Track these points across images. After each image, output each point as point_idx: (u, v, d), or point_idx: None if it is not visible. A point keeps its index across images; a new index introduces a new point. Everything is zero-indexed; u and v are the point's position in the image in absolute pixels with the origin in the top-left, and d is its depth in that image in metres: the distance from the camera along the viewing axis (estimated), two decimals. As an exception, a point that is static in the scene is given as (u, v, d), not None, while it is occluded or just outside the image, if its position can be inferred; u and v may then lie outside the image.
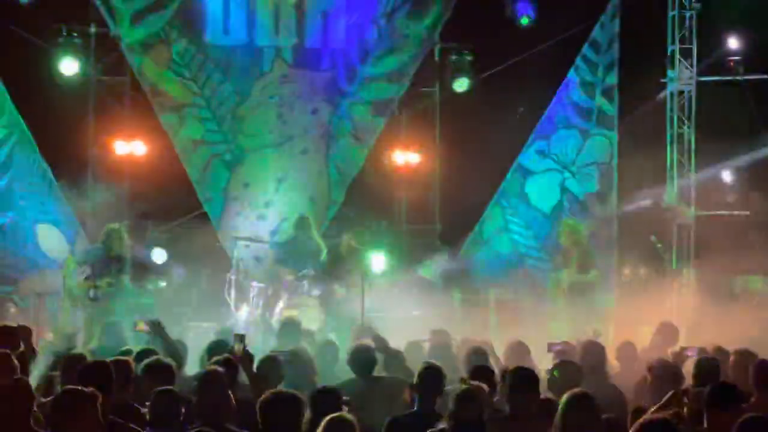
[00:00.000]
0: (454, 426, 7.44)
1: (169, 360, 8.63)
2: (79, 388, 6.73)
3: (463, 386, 7.67)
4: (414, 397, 8.06)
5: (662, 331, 11.61)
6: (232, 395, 7.64)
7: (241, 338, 8.73)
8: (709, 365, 9.00)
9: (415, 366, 8.56)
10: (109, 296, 14.53)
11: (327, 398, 7.44)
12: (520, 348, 10.54)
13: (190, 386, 8.61)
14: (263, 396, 7.00)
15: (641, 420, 6.63)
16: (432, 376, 8.09)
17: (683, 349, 10.04)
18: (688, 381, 8.76)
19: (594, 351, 9.75)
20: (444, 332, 11.68)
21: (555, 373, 8.76)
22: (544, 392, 8.12)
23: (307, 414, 7.17)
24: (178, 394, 7.53)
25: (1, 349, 8.00)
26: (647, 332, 12.18)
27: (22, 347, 8.87)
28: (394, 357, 9.98)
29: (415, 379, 8.13)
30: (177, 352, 9.52)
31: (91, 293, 14.33)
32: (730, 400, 7.25)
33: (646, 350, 11.12)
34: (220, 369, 7.80)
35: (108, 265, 14.60)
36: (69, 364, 8.49)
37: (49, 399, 7.25)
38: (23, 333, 8.81)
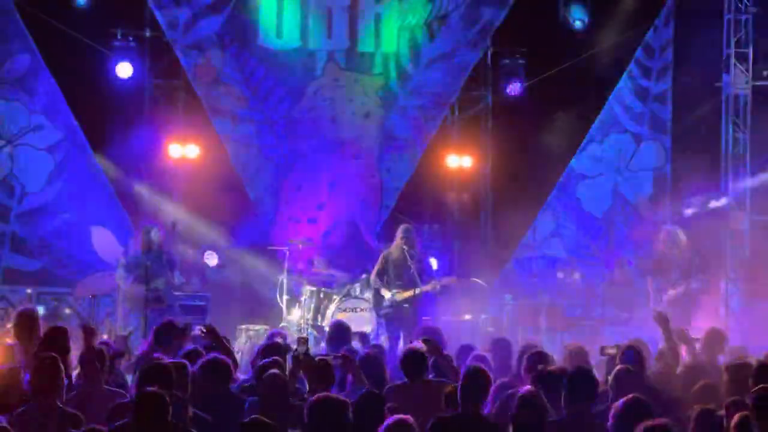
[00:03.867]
0: (514, 429, 7.43)
1: (226, 358, 8.75)
2: (156, 390, 6.95)
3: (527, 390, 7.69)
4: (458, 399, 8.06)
5: (710, 337, 11.49)
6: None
7: (304, 341, 8.85)
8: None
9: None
10: (167, 295, 14.65)
11: (372, 402, 7.47)
12: (580, 353, 10.51)
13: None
14: (312, 398, 7.09)
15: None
16: (477, 378, 8.07)
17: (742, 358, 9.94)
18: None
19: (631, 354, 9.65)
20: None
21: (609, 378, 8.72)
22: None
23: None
24: None
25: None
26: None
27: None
28: (444, 362, 9.94)
29: (460, 382, 8.11)
30: (232, 355, 9.60)
31: (151, 295, 14.42)
32: None
33: (696, 356, 11.01)
34: (281, 374, 7.98)
35: (159, 266, 14.69)
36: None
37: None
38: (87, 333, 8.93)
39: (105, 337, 13.81)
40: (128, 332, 14.37)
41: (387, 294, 15.12)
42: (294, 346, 9.06)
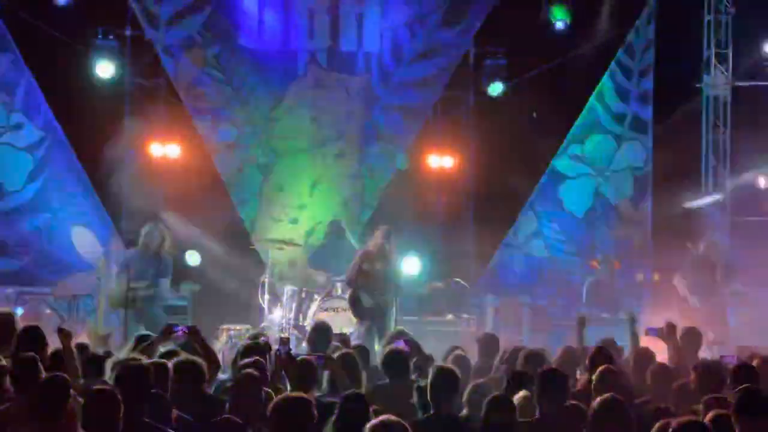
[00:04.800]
0: (485, 430, 7.42)
1: (198, 359, 8.68)
2: (105, 388, 6.91)
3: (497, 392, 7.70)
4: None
5: (686, 336, 11.51)
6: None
7: (286, 341, 8.83)
8: (747, 372, 8.90)
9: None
10: (146, 300, 14.55)
11: (355, 403, 7.46)
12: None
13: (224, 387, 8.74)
14: (274, 400, 7.06)
15: (675, 424, 6.53)
16: (445, 378, 8.05)
17: (722, 357, 9.95)
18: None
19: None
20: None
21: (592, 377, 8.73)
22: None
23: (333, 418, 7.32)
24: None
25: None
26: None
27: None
28: (426, 362, 9.93)
29: (429, 382, 8.09)
30: (215, 357, 9.55)
31: (130, 296, 14.33)
32: (761, 406, 6.99)
33: (672, 356, 11.02)
34: (255, 372, 7.96)
35: (147, 268, 14.60)
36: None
37: None
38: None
39: (84, 337, 13.74)
40: (107, 333, 14.30)
41: (365, 297, 14.89)
42: (276, 346, 9.05)
